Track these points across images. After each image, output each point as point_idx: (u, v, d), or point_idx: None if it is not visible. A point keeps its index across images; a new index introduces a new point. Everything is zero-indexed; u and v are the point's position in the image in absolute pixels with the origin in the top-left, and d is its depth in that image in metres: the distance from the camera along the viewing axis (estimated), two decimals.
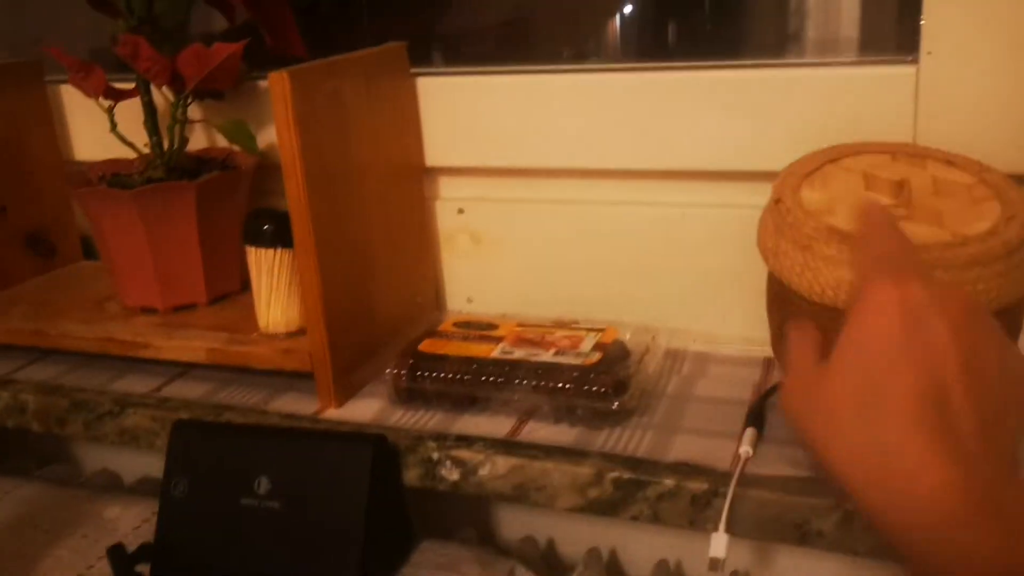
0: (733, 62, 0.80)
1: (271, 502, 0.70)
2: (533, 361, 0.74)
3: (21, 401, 0.84)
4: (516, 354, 0.76)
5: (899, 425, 0.34)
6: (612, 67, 0.84)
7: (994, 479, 0.33)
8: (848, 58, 0.80)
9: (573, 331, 0.79)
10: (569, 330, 0.80)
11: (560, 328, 0.80)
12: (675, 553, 0.88)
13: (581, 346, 0.76)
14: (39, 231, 1.02)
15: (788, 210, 0.61)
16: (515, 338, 0.79)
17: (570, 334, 0.79)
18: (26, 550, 0.78)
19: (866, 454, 0.35)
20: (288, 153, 0.71)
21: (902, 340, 0.37)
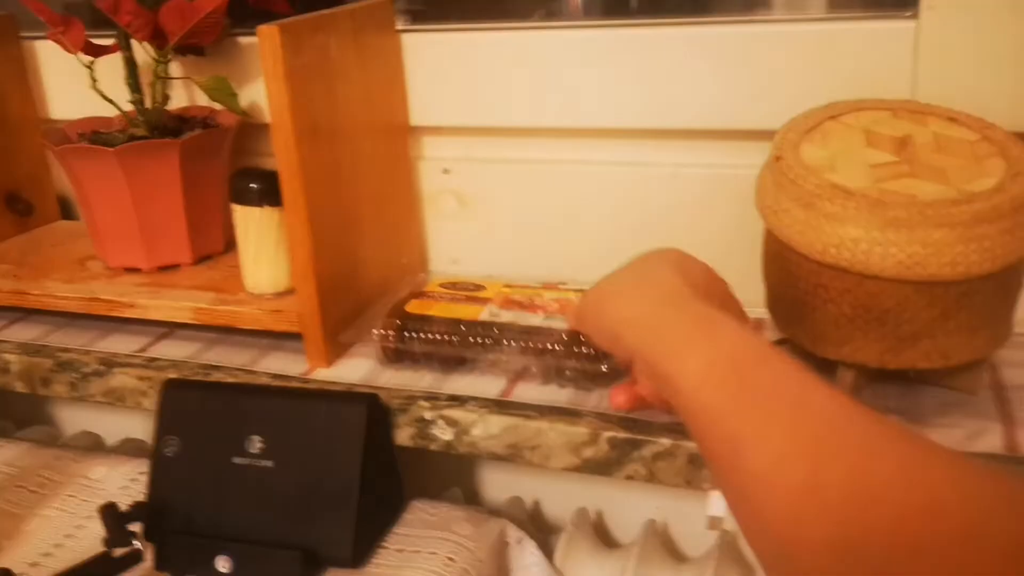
0: (727, 17, 0.79)
1: (263, 461, 0.69)
2: (522, 324, 0.73)
3: (4, 361, 0.83)
4: (504, 317, 0.75)
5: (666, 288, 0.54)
6: (602, 23, 0.83)
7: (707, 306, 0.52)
8: (847, 13, 0.79)
9: (561, 293, 0.79)
10: (557, 292, 0.79)
11: (548, 290, 0.80)
12: (661, 514, 0.89)
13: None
14: (16, 190, 1.00)
15: (789, 167, 0.60)
16: (503, 300, 0.78)
17: (558, 297, 0.78)
18: (13, 510, 0.77)
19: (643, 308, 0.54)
20: (277, 109, 0.70)
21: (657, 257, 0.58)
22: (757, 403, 0.44)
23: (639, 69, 0.81)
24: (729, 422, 0.44)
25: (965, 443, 0.61)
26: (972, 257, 0.55)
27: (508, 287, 0.81)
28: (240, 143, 0.92)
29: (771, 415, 0.43)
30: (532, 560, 0.75)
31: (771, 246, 0.65)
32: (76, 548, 0.72)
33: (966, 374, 0.65)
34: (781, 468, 0.41)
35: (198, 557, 0.67)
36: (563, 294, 0.79)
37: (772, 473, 0.42)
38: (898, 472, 0.39)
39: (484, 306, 0.77)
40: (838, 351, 0.62)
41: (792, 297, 0.63)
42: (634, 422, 0.67)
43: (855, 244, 0.56)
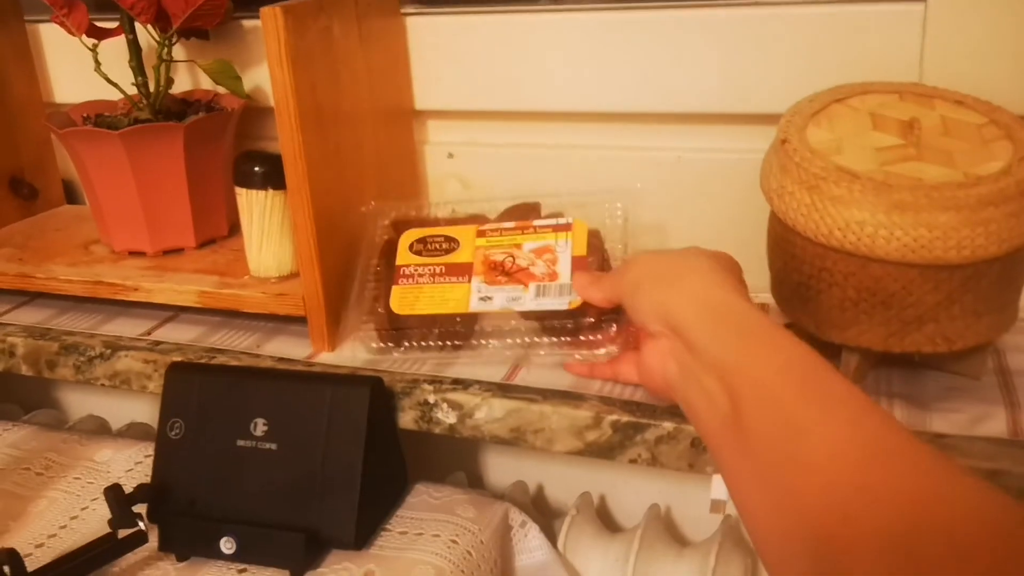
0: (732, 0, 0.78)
1: (268, 443, 0.69)
2: (516, 313, 0.70)
3: (10, 344, 0.83)
4: (495, 300, 0.70)
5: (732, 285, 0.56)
6: (607, 6, 0.82)
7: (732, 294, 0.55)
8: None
9: (540, 237, 0.73)
10: (536, 236, 0.73)
11: (524, 234, 0.73)
12: (664, 499, 0.89)
13: (558, 267, 0.70)
14: (20, 174, 1.00)
15: (795, 150, 0.60)
16: (487, 269, 0.72)
17: (539, 245, 0.72)
18: (20, 492, 0.78)
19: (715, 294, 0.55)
20: (281, 92, 0.69)
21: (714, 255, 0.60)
22: (825, 403, 0.46)
23: (644, 53, 0.81)
24: (795, 414, 0.46)
25: (969, 427, 0.61)
26: (978, 241, 0.55)
27: (482, 235, 0.74)
28: (244, 126, 0.92)
29: (836, 415, 0.45)
30: (535, 544, 0.75)
31: (776, 230, 0.65)
32: (82, 530, 0.73)
33: (971, 359, 0.65)
34: (837, 462, 0.43)
35: (202, 538, 0.67)
36: (540, 238, 0.73)
37: (828, 466, 0.43)
38: (947, 482, 0.40)
39: (469, 283, 0.72)
40: (842, 335, 0.62)
41: (797, 281, 0.63)
42: (637, 405, 0.67)
43: (860, 227, 0.56)
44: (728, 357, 0.51)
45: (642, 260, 0.61)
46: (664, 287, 0.57)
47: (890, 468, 0.42)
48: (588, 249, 0.71)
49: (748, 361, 0.50)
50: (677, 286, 0.56)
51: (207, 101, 0.92)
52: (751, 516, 0.48)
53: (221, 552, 0.67)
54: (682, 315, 0.55)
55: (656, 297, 0.57)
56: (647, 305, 0.58)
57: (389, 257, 0.75)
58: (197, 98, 0.92)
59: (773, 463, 0.46)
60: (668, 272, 0.58)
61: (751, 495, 0.48)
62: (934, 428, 0.61)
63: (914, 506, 0.39)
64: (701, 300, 0.55)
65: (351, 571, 0.66)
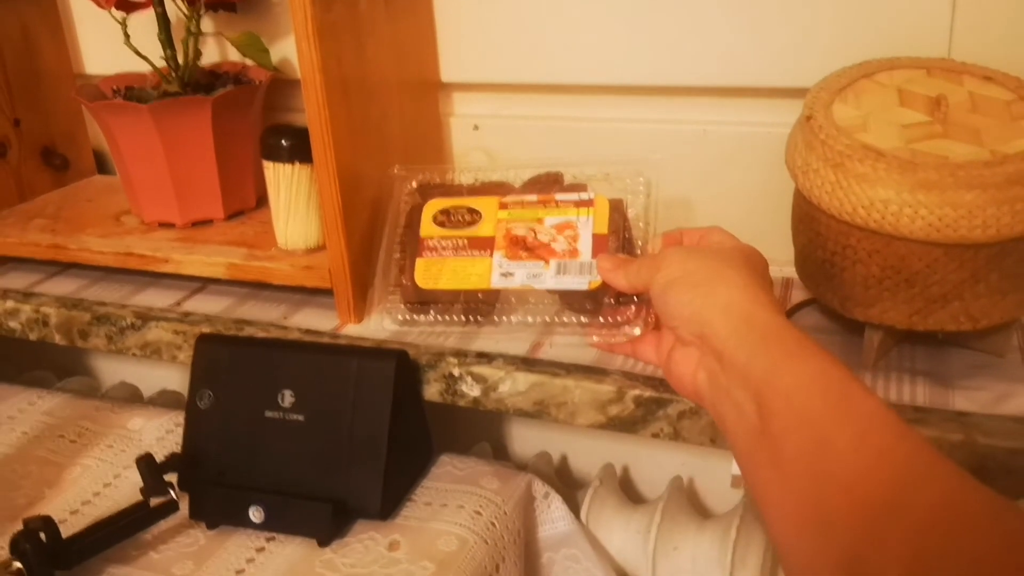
0: None
1: (295, 414, 0.70)
2: (538, 290, 0.70)
3: (44, 314, 0.85)
4: (517, 277, 0.70)
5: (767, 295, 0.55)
6: None
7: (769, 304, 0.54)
8: None
9: (562, 213, 0.73)
10: (557, 211, 0.73)
11: (547, 208, 0.73)
12: (686, 471, 0.90)
13: (579, 244, 0.70)
14: (52, 145, 1.01)
15: (820, 126, 0.60)
16: (508, 243, 0.72)
17: (560, 221, 0.72)
18: (54, 459, 0.80)
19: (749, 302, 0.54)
20: (307, 65, 0.70)
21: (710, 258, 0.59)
22: (855, 418, 0.45)
23: (670, 25, 0.80)
24: (824, 427, 0.45)
25: (993, 405, 0.61)
26: (1004, 219, 0.55)
27: (504, 208, 0.74)
28: (271, 99, 0.93)
29: (867, 431, 0.44)
30: (558, 515, 0.76)
31: (800, 206, 0.65)
32: (114, 496, 0.74)
33: (995, 336, 0.65)
34: (868, 481, 0.43)
35: (231, 507, 0.69)
36: (562, 213, 0.73)
37: (858, 483, 0.43)
38: (985, 507, 0.40)
39: (491, 257, 0.72)
40: (866, 312, 0.62)
41: (821, 258, 0.63)
42: (660, 381, 0.67)
43: (885, 205, 0.56)
44: (759, 371, 0.50)
45: (675, 260, 0.60)
46: (697, 294, 0.56)
47: (928, 488, 0.41)
48: (610, 225, 0.71)
49: (779, 375, 0.49)
50: (711, 296, 0.55)
51: (235, 74, 0.92)
52: (779, 530, 0.47)
53: (250, 521, 0.68)
54: (715, 327, 0.54)
55: (688, 303, 0.56)
56: (679, 309, 0.57)
57: (413, 225, 0.75)
58: (225, 71, 0.93)
59: (803, 478, 0.45)
60: (702, 279, 0.57)
61: (780, 509, 0.47)
62: (957, 406, 0.61)
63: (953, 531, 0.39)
64: (735, 313, 0.54)
65: (377, 540, 0.67)
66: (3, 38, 0.94)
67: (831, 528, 0.43)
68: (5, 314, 0.87)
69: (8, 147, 0.96)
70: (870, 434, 0.44)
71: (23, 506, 0.73)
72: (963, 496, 0.41)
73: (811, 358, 0.49)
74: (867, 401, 0.46)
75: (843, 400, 0.46)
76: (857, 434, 0.44)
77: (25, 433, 0.83)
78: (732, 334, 0.53)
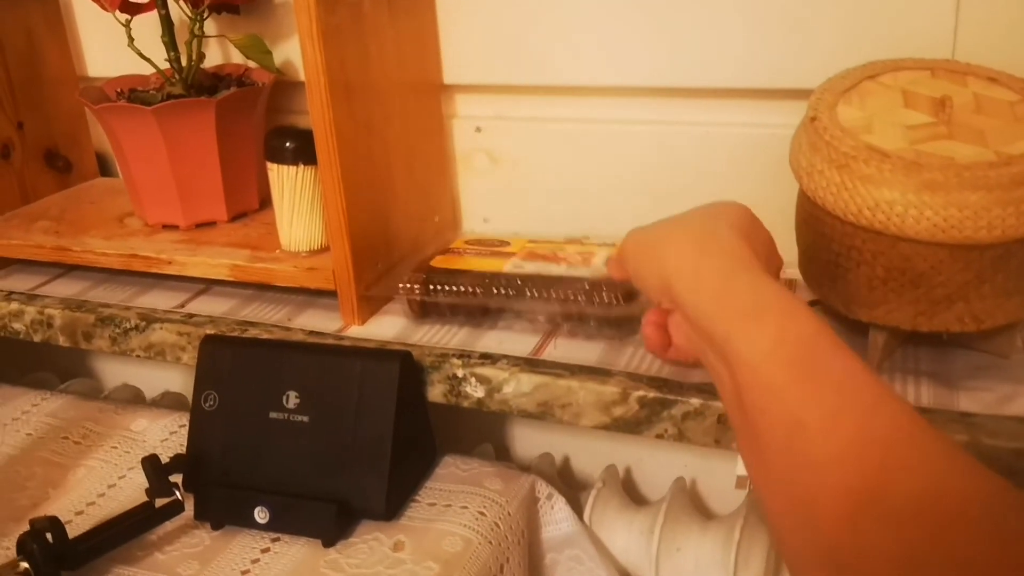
0: None
1: (299, 416, 0.71)
2: (544, 274, 0.74)
3: (48, 316, 0.85)
4: (527, 268, 0.76)
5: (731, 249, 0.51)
6: None
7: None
8: None
9: (585, 247, 0.79)
10: (581, 246, 0.80)
11: (572, 244, 0.80)
12: (689, 472, 0.90)
13: (593, 260, 0.76)
14: (55, 147, 1.02)
15: (824, 128, 0.60)
16: (527, 254, 0.79)
17: (582, 250, 0.79)
18: (58, 460, 0.80)
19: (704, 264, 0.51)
20: (312, 68, 0.70)
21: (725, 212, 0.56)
22: (825, 393, 0.41)
23: (673, 27, 0.80)
24: (792, 404, 0.42)
25: (997, 406, 0.61)
26: (1009, 220, 0.55)
27: (533, 242, 0.82)
28: (274, 100, 0.93)
29: (840, 409, 0.41)
30: (561, 516, 0.76)
31: (805, 207, 0.65)
32: (119, 498, 0.74)
33: (999, 337, 0.65)
34: (843, 466, 0.39)
35: (236, 508, 0.69)
36: (586, 248, 0.79)
37: (833, 469, 0.39)
38: (976, 497, 0.37)
39: (508, 259, 0.78)
40: (871, 313, 0.62)
41: (825, 259, 0.63)
42: (664, 382, 0.67)
43: (890, 207, 0.56)
44: (720, 335, 0.46)
45: (631, 235, 0.58)
46: (649, 259, 0.54)
47: (911, 474, 0.38)
48: None
49: (737, 340, 0.45)
50: (661, 260, 0.53)
51: (238, 76, 0.92)
52: (769, 516, 0.44)
53: (255, 521, 0.68)
54: (675, 289, 0.51)
55: (647, 273, 0.55)
56: (646, 277, 0.55)
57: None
58: (228, 72, 0.93)
59: (779, 462, 0.42)
60: (651, 244, 0.55)
61: (766, 493, 0.44)
62: (962, 407, 0.61)
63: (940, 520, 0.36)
64: (686, 272, 0.50)
65: (381, 541, 0.67)
66: (7, 41, 0.95)
67: (812, 516, 0.40)
68: (10, 316, 0.87)
69: (12, 149, 0.96)
70: (843, 413, 0.40)
71: (28, 507, 0.73)
72: (950, 484, 0.37)
73: (767, 316, 0.45)
74: (835, 364, 0.42)
75: (810, 369, 0.42)
76: (829, 414, 0.41)
77: (29, 434, 0.83)
78: (687, 294, 0.50)
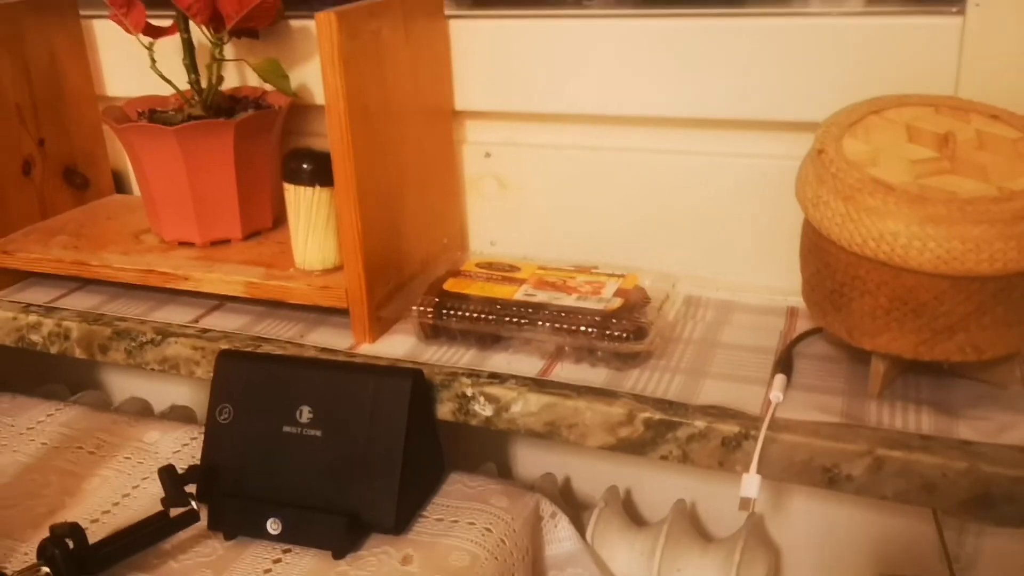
0: (771, 9, 0.80)
1: (312, 430, 0.72)
2: (555, 305, 0.76)
3: (65, 328, 0.86)
4: (539, 297, 0.77)
5: None
6: (645, 12, 0.84)
7: None
8: (893, 7, 0.78)
9: (594, 276, 0.81)
10: (590, 276, 0.81)
11: (581, 273, 0.82)
12: (689, 494, 0.91)
13: (603, 292, 0.78)
14: (74, 165, 1.03)
15: (831, 160, 0.62)
16: (537, 281, 0.80)
17: (591, 280, 0.80)
18: (73, 469, 0.81)
19: None
20: (332, 92, 0.72)
21: None
22: None
23: (681, 59, 0.82)
24: None
25: (996, 435, 0.62)
26: (1011, 254, 0.56)
27: (542, 269, 0.83)
28: (289, 122, 0.95)
29: None
30: (565, 534, 0.77)
31: (810, 237, 0.67)
32: (133, 507, 0.76)
33: (999, 368, 0.66)
34: None
35: (249, 519, 0.70)
36: (596, 278, 0.81)
37: None
38: None
39: (519, 286, 0.79)
40: (873, 342, 0.64)
41: (830, 287, 0.65)
42: (669, 404, 0.69)
43: (894, 238, 0.58)
44: None
45: None
46: None
47: None
48: (635, 289, 0.78)
49: None
50: None
51: (254, 98, 0.94)
52: None
53: (267, 532, 0.69)
54: None
55: None
56: None
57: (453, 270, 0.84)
58: (245, 95, 0.95)
59: None
60: None
61: None
62: (962, 435, 0.63)
63: None
64: None
65: (390, 555, 0.68)
66: (32, 61, 0.97)
67: None
68: (28, 327, 0.88)
69: (32, 165, 0.98)
70: None
71: (44, 514, 0.74)
72: None
73: None
74: None
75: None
76: None
77: (44, 444, 0.84)
78: None
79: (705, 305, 0.85)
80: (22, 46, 0.95)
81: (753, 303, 0.85)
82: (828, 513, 0.86)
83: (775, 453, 0.65)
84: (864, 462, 0.62)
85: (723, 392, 0.70)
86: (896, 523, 0.84)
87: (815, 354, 0.74)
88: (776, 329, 0.79)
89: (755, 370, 0.72)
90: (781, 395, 0.68)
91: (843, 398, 0.68)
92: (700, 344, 0.77)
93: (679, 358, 0.75)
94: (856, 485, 0.63)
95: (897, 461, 0.62)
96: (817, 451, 0.64)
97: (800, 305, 0.73)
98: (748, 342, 0.77)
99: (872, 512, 0.85)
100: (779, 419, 0.66)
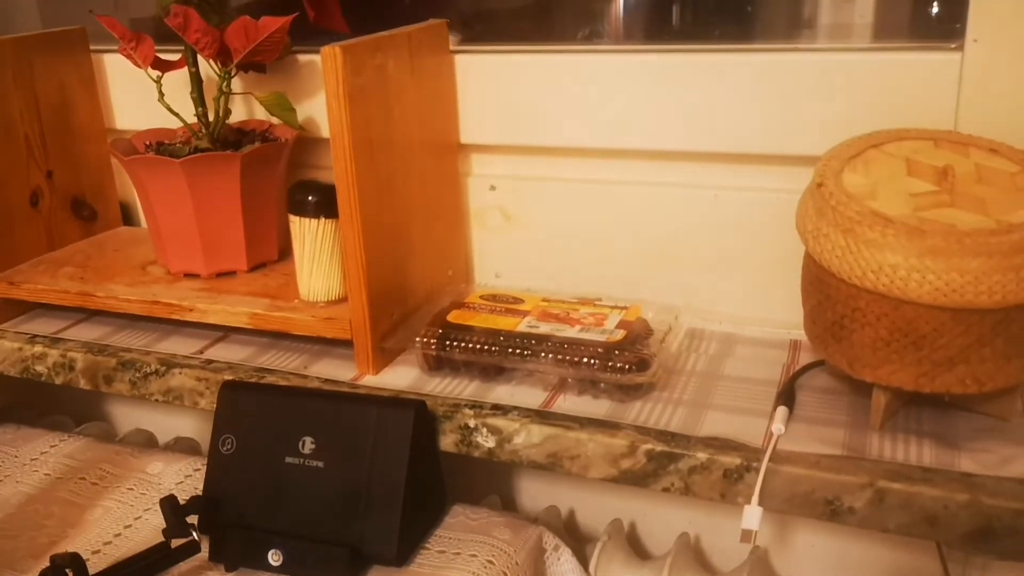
0: (772, 45, 0.81)
1: (315, 461, 0.72)
2: (558, 336, 0.76)
3: (70, 359, 0.87)
4: (542, 329, 0.77)
5: None
6: (648, 48, 0.85)
7: None
8: (892, 43, 0.79)
9: (597, 308, 0.81)
10: (593, 307, 0.82)
11: (584, 305, 0.82)
12: (693, 528, 0.91)
13: (605, 324, 0.78)
14: (82, 196, 1.04)
15: (831, 193, 0.62)
16: (541, 313, 0.81)
17: (594, 312, 0.81)
18: (76, 500, 0.81)
19: None
20: (337, 126, 0.73)
21: None
22: None
23: (683, 93, 0.83)
24: None
25: (998, 468, 0.62)
26: (1009, 286, 0.57)
27: (546, 301, 0.84)
28: (295, 155, 0.96)
29: None
30: (568, 567, 0.77)
31: (811, 269, 0.67)
32: (135, 538, 0.76)
33: (1000, 400, 0.67)
34: None
35: (251, 550, 0.70)
36: (599, 310, 0.81)
37: None
38: None
39: (523, 318, 0.80)
40: (874, 373, 0.64)
41: (830, 319, 0.65)
42: (672, 436, 0.69)
43: (894, 270, 0.58)
44: None
45: None
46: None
47: None
48: (638, 321, 0.79)
49: None
50: None
51: (261, 131, 0.95)
52: None
53: (269, 564, 0.69)
54: None
55: None
56: None
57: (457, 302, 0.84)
58: (251, 128, 0.96)
59: None
60: None
61: None
62: (963, 467, 0.63)
63: None
64: None
65: None
66: (41, 95, 0.98)
67: None
68: (33, 358, 0.89)
69: (40, 197, 0.99)
70: None
71: (46, 545, 0.74)
72: None
73: None
74: None
75: None
76: None
77: (47, 475, 0.84)
78: None
79: (708, 338, 0.85)
80: (32, 79, 0.97)
81: (756, 336, 0.85)
82: (832, 547, 0.86)
83: (777, 485, 0.65)
84: (866, 494, 0.62)
85: (725, 424, 0.70)
86: (900, 557, 0.84)
87: (817, 387, 0.74)
88: (779, 362, 0.79)
89: (757, 402, 0.72)
90: (783, 427, 0.68)
91: (845, 430, 0.68)
92: (702, 376, 0.77)
93: (681, 390, 0.75)
94: (858, 517, 0.63)
95: (899, 493, 0.61)
96: (819, 483, 0.63)
97: (803, 339, 0.73)
98: (750, 374, 0.77)
99: (876, 546, 0.84)
100: (781, 451, 0.66)
